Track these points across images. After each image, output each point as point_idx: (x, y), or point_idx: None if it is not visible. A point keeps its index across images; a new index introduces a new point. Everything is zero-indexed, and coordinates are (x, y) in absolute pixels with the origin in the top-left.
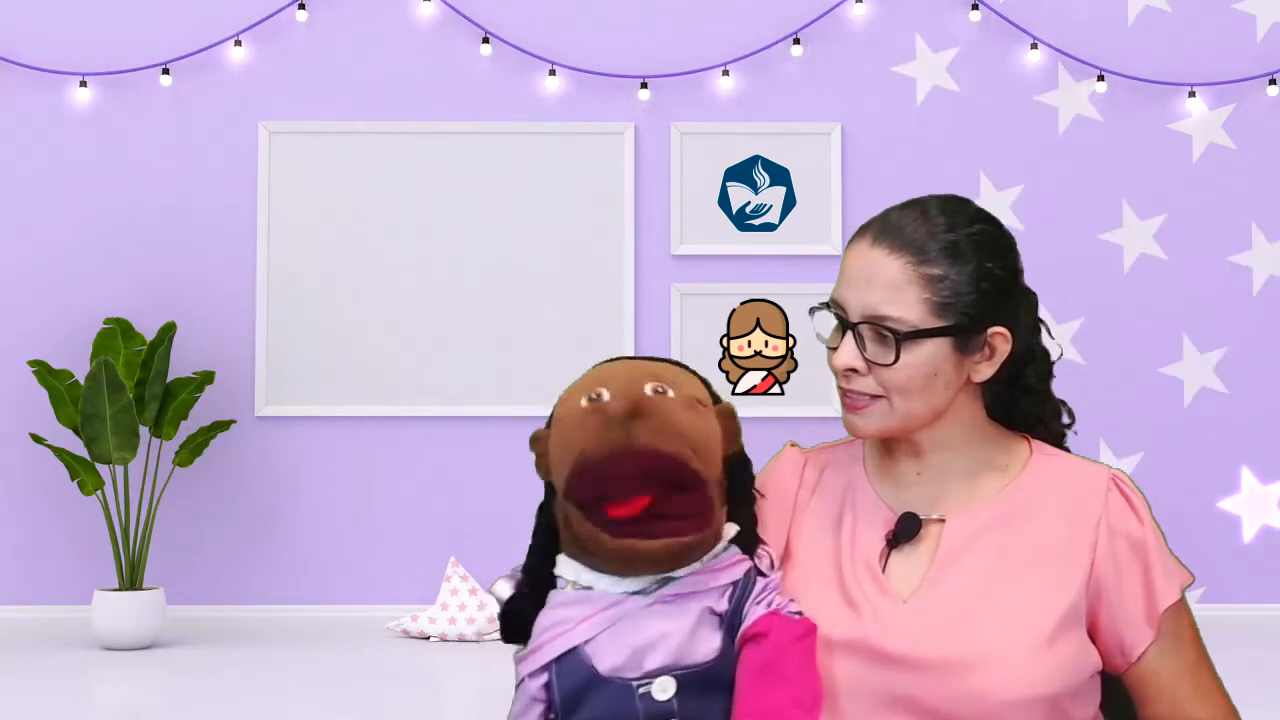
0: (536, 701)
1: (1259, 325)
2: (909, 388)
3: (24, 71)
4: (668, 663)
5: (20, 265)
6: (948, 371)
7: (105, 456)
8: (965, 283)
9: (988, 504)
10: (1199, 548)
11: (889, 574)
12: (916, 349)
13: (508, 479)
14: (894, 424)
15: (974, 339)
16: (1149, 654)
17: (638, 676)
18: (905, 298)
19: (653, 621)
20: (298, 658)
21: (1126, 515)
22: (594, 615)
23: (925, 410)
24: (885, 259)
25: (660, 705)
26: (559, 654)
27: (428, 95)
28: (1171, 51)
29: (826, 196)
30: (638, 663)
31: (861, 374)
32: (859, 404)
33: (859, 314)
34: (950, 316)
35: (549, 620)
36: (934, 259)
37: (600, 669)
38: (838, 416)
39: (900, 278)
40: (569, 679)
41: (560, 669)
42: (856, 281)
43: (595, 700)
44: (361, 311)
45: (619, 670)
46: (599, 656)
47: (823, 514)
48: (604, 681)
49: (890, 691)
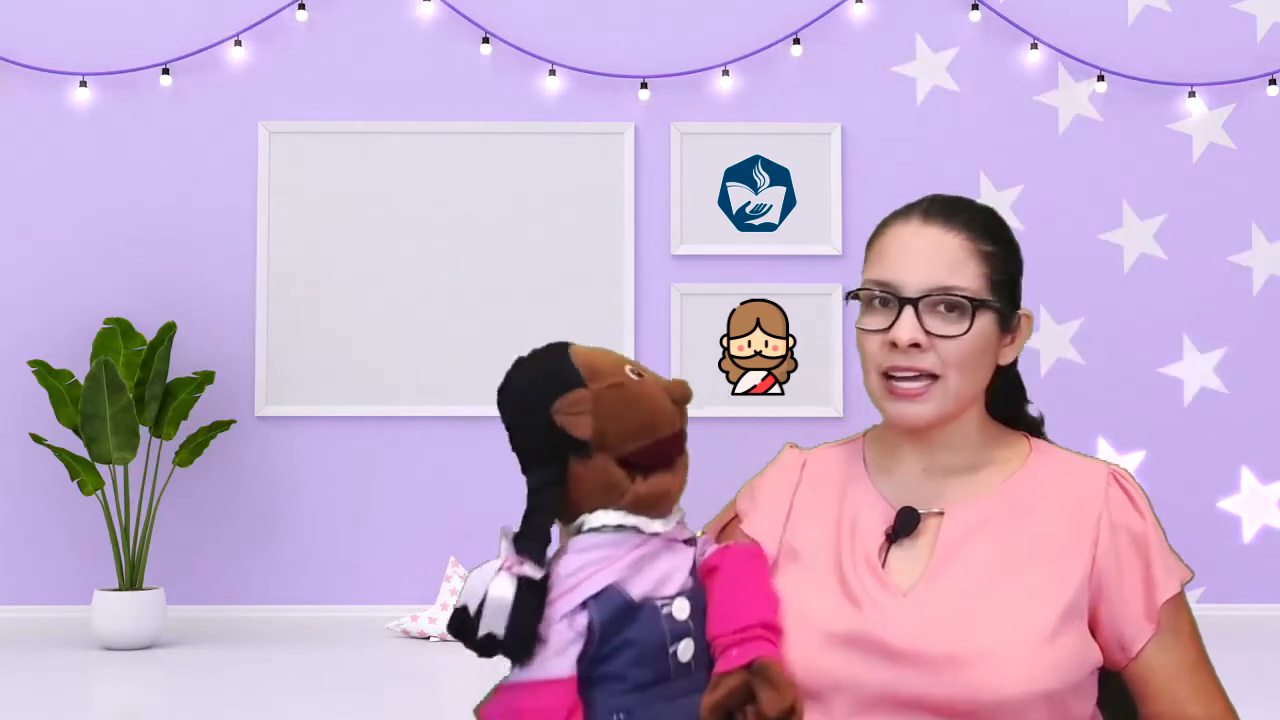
0: (579, 637)
1: (1259, 325)
2: (967, 363)
3: (24, 71)
4: (680, 589)
5: (20, 265)
6: (991, 351)
7: (105, 456)
8: (1009, 261)
9: (987, 498)
10: (1199, 548)
11: (888, 568)
12: (981, 321)
13: (508, 479)
14: (948, 406)
15: (1010, 319)
16: (1148, 649)
17: (661, 598)
18: (968, 271)
19: (665, 559)
20: (298, 658)
21: (1127, 510)
22: (624, 556)
23: (973, 390)
24: (943, 235)
25: (680, 624)
26: (598, 590)
27: (428, 95)
28: (1171, 51)
29: (826, 196)
30: (659, 590)
31: (924, 349)
32: (914, 390)
33: (922, 288)
34: (999, 294)
35: (574, 564)
36: (983, 236)
37: (634, 596)
38: (838, 416)
39: (961, 252)
40: (608, 608)
41: (599, 602)
42: (914, 257)
43: (631, 624)
44: (361, 311)
45: (648, 595)
46: (631, 586)
47: (823, 511)
48: (637, 607)
49: (891, 686)
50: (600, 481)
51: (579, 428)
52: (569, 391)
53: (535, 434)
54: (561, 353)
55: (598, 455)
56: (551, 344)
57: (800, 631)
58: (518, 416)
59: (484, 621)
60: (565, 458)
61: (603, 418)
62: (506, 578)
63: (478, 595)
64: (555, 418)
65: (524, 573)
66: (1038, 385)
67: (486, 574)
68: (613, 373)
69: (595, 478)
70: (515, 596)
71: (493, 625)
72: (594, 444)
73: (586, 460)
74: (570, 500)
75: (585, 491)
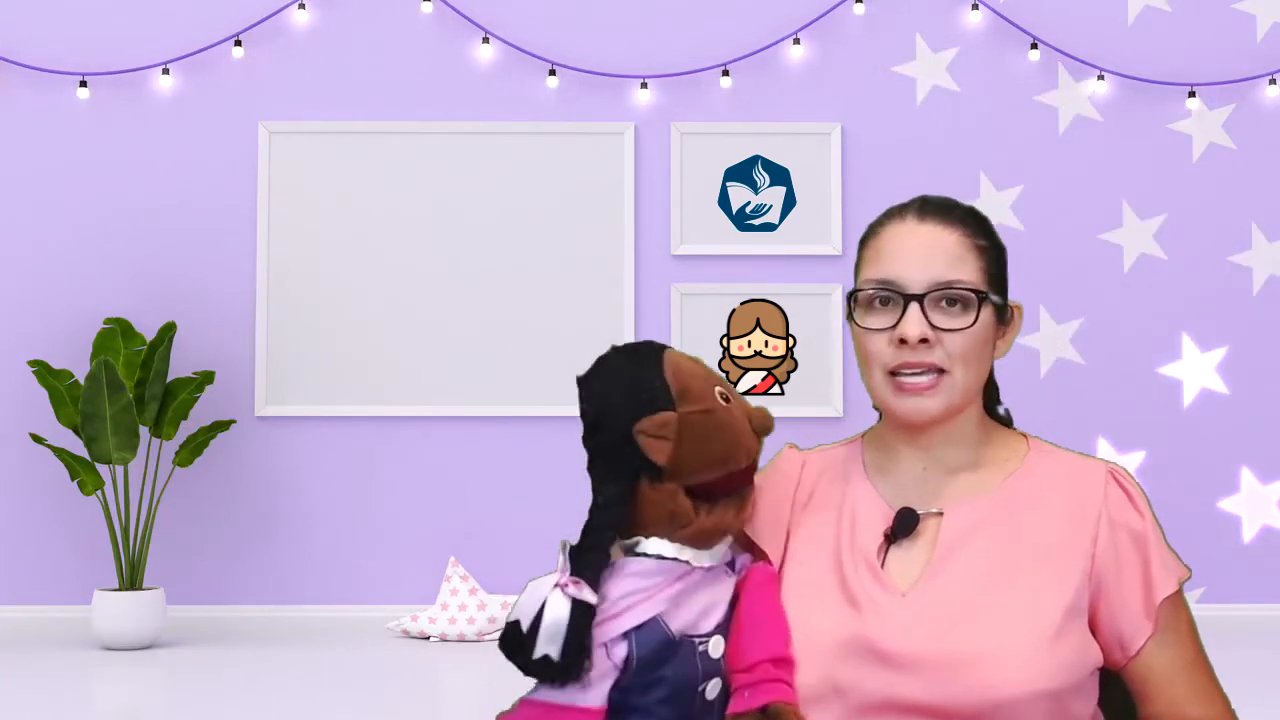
0: (615, 669)
1: (1259, 325)
2: (970, 354)
3: (24, 71)
4: (718, 624)
5: (20, 265)
6: (991, 344)
7: (105, 456)
8: (1000, 255)
9: (986, 497)
10: (1199, 548)
11: (887, 569)
12: (984, 313)
13: (508, 479)
14: (956, 401)
15: (1005, 312)
16: (1147, 648)
17: (699, 635)
18: (968, 265)
19: (707, 590)
20: (298, 658)
21: (1126, 508)
22: (670, 586)
23: (976, 384)
24: (941, 231)
25: (713, 663)
26: (641, 621)
27: (428, 95)
28: (1171, 51)
29: (826, 196)
30: (698, 624)
31: (931, 345)
32: (922, 384)
33: (925, 284)
34: (995, 287)
35: (622, 589)
36: (977, 232)
37: (673, 631)
38: (838, 416)
39: (959, 248)
40: (649, 643)
41: (640, 635)
42: (913, 254)
43: (668, 662)
44: (361, 311)
45: (686, 631)
46: (672, 620)
47: (822, 512)
48: (675, 643)
49: (891, 687)
50: (667, 508)
51: (658, 452)
52: (656, 412)
53: (612, 445)
54: (656, 361)
55: (669, 481)
56: (646, 346)
57: (800, 633)
58: (598, 419)
59: (540, 643)
60: (637, 475)
61: (683, 445)
62: (561, 598)
63: (531, 612)
64: (637, 437)
65: (580, 596)
66: (1038, 385)
67: (541, 590)
68: (702, 396)
69: (663, 503)
70: (570, 619)
71: (548, 647)
72: (669, 470)
73: (658, 485)
74: (633, 519)
75: (650, 515)
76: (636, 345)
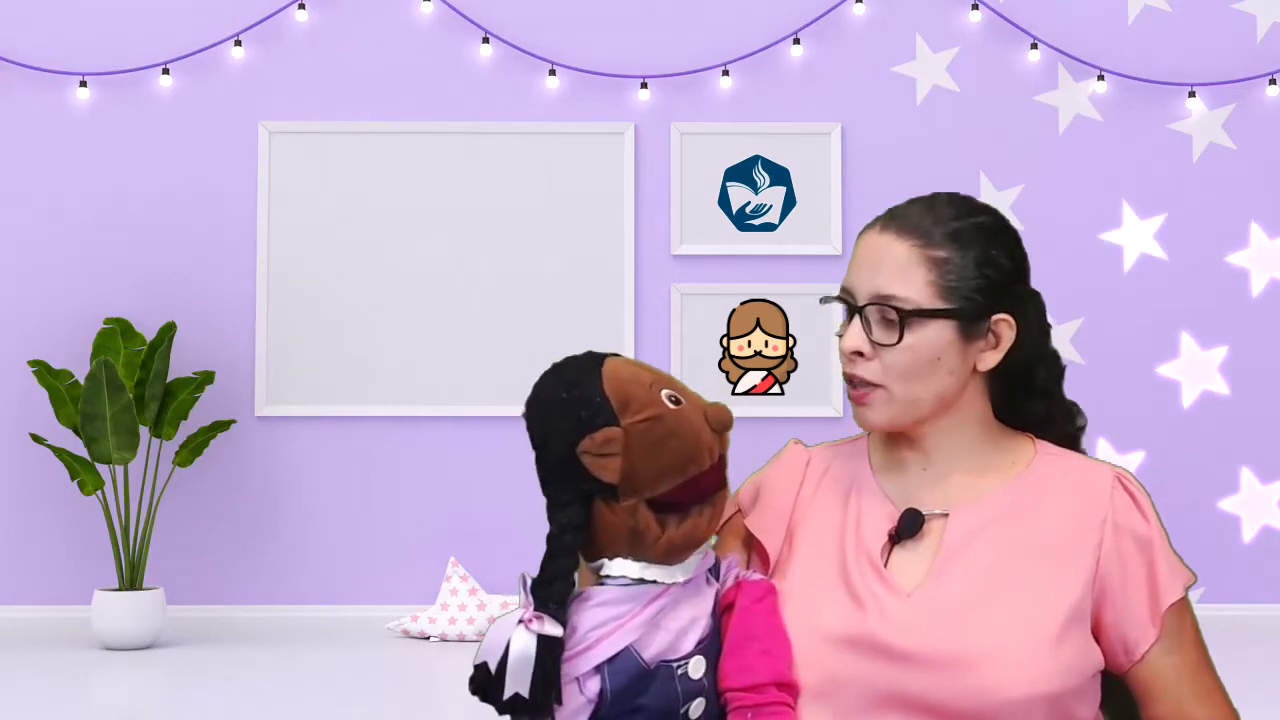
0: (589, 704)
1: (1259, 325)
2: (910, 371)
3: (24, 71)
4: (698, 642)
5: (20, 265)
6: (952, 358)
7: (105, 456)
8: (969, 267)
9: (992, 500)
10: (1199, 548)
11: (892, 569)
12: (920, 330)
13: (508, 479)
14: (898, 413)
15: (978, 325)
16: (1152, 653)
17: (676, 658)
18: (911, 279)
19: (686, 606)
20: (298, 658)
21: (1132, 513)
22: (641, 611)
23: (930, 397)
24: (893, 242)
25: (694, 684)
26: (613, 654)
27: (428, 95)
28: (1171, 51)
29: (826, 196)
30: (676, 646)
31: (867, 357)
32: (859, 395)
33: (866, 296)
34: (954, 300)
35: (591, 620)
36: (939, 243)
37: (647, 658)
38: (838, 416)
39: (906, 260)
40: (622, 676)
41: (613, 668)
42: (864, 266)
43: (644, 689)
44: (361, 311)
45: (662, 655)
46: (645, 648)
47: (827, 509)
48: (652, 673)
49: (893, 687)
50: (627, 528)
51: (606, 471)
52: (598, 429)
53: (558, 469)
54: (593, 374)
55: (626, 499)
56: (584, 358)
57: (803, 631)
58: (543, 443)
59: (509, 682)
60: (590, 497)
61: (633, 458)
62: (526, 634)
63: (497, 651)
64: (581, 458)
65: (544, 631)
66: None
67: (505, 628)
68: (647, 403)
69: (622, 523)
70: (536, 655)
71: (518, 685)
72: (622, 487)
73: (614, 504)
74: (594, 542)
75: (610, 536)
76: (574, 359)
